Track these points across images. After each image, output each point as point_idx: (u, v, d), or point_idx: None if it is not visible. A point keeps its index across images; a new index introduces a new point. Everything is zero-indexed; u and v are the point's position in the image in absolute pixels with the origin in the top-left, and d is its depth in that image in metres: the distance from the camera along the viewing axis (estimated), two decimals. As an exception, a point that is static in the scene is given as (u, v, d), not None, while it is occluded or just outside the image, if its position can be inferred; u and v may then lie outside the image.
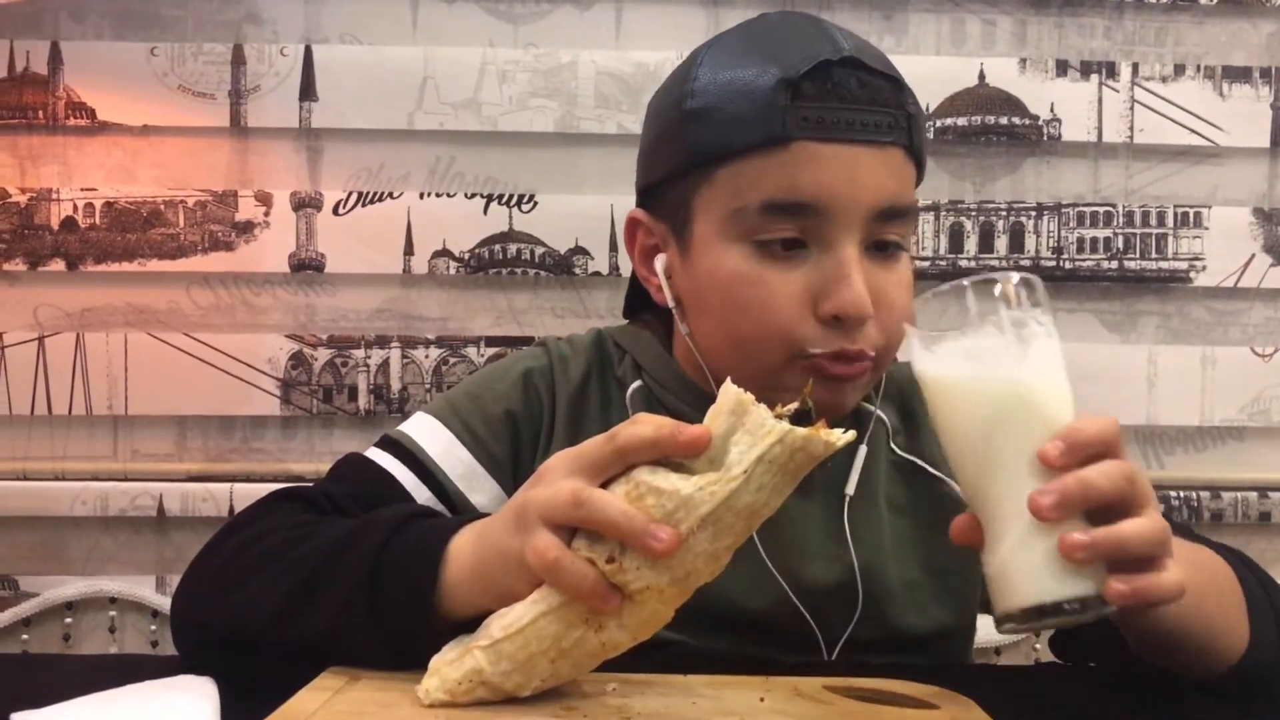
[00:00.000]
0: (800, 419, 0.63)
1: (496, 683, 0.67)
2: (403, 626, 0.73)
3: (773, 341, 0.85)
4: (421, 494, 0.92)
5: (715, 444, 0.64)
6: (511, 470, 0.96)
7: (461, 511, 0.92)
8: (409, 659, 0.72)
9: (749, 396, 0.64)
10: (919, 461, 0.96)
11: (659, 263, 0.93)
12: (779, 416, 0.63)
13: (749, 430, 0.63)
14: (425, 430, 0.96)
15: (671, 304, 0.93)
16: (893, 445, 0.97)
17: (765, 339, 0.86)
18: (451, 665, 0.67)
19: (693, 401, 0.93)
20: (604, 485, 0.66)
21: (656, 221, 0.94)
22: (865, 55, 0.86)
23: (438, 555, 0.72)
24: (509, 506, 0.70)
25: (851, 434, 0.64)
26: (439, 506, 0.92)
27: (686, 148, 0.89)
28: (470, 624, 0.71)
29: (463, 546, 0.72)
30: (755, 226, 0.85)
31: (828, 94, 0.84)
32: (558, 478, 0.67)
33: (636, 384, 0.97)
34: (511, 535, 0.68)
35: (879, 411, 0.96)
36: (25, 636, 1.55)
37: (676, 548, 0.62)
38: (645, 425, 0.66)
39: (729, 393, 0.65)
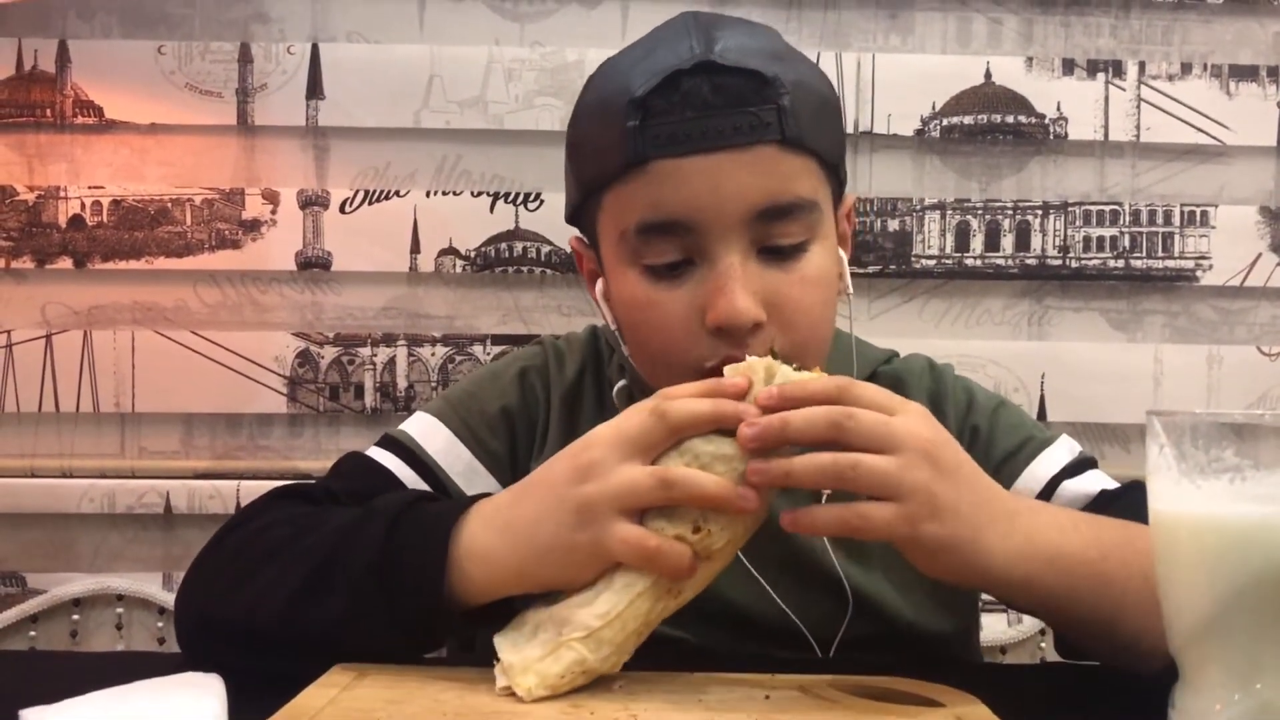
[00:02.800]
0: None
1: (596, 668, 0.70)
2: (414, 610, 0.73)
3: (673, 360, 0.85)
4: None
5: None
6: (510, 467, 0.97)
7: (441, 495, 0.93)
8: (420, 645, 0.73)
9: (774, 360, 0.73)
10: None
11: (598, 288, 0.94)
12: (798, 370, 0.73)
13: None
14: (425, 429, 0.96)
15: (614, 326, 0.93)
16: None
17: (666, 360, 0.86)
18: (546, 661, 0.69)
19: None
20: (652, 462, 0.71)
21: (587, 248, 0.95)
22: (728, 55, 0.82)
23: (445, 538, 0.73)
24: (561, 504, 0.71)
25: None
26: None
27: (575, 178, 0.90)
28: (485, 611, 0.73)
29: (488, 542, 0.73)
30: (638, 250, 0.85)
31: (677, 106, 0.82)
32: (613, 466, 0.70)
33: (621, 383, 0.97)
34: (578, 531, 0.70)
35: None
36: (33, 633, 1.55)
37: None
38: (697, 402, 0.70)
39: (755, 363, 0.72)
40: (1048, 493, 0.94)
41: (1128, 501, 0.90)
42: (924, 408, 0.74)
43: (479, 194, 1.57)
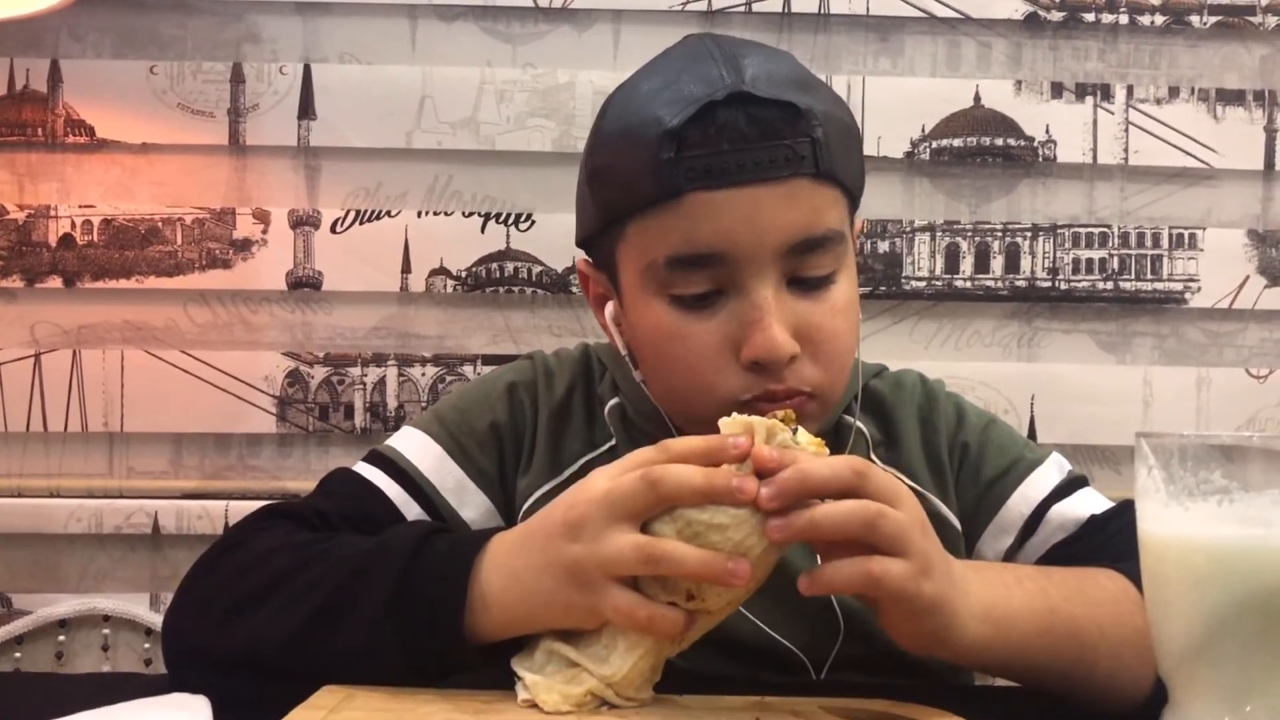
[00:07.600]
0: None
1: (620, 706, 0.71)
2: (432, 647, 0.73)
3: (703, 394, 0.84)
4: (411, 510, 0.92)
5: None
6: (499, 483, 0.96)
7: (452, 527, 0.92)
8: (434, 677, 0.73)
9: (771, 420, 0.70)
10: (899, 475, 0.94)
11: (608, 311, 0.93)
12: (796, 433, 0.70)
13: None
14: (414, 445, 0.96)
15: (624, 352, 0.93)
16: (873, 457, 0.96)
17: (695, 393, 0.85)
18: (570, 685, 0.70)
19: (660, 429, 0.92)
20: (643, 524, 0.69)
21: (597, 271, 0.94)
22: (760, 85, 0.82)
23: (464, 579, 0.73)
24: (557, 560, 0.70)
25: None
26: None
27: (596, 206, 0.89)
28: (502, 643, 0.74)
29: (499, 586, 0.73)
30: (666, 281, 0.84)
31: (713, 138, 0.81)
32: (601, 530, 0.68)
33: (614, 401, 0.97)
34: (573, 592, 0.70)
35: (858, 424, 0.96)
36: (18, 654, 1.54)
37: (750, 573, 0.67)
38: (689, 473, 0.67)
39: (755, 422, 0.70)
40: (1037, 517, 0.93)
41: (1116, 526, 0.90)
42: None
43: (470, 214, 1.58)
